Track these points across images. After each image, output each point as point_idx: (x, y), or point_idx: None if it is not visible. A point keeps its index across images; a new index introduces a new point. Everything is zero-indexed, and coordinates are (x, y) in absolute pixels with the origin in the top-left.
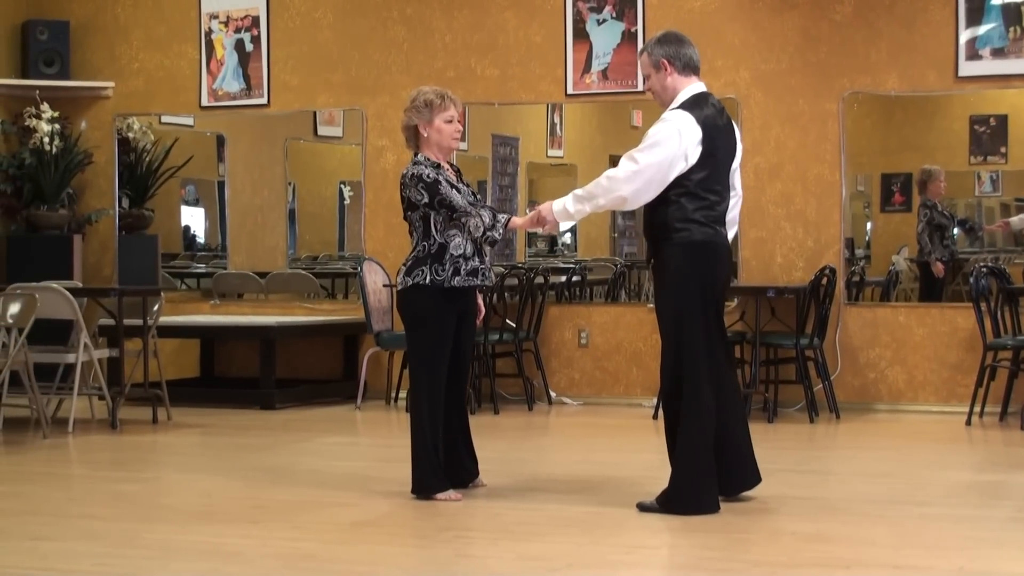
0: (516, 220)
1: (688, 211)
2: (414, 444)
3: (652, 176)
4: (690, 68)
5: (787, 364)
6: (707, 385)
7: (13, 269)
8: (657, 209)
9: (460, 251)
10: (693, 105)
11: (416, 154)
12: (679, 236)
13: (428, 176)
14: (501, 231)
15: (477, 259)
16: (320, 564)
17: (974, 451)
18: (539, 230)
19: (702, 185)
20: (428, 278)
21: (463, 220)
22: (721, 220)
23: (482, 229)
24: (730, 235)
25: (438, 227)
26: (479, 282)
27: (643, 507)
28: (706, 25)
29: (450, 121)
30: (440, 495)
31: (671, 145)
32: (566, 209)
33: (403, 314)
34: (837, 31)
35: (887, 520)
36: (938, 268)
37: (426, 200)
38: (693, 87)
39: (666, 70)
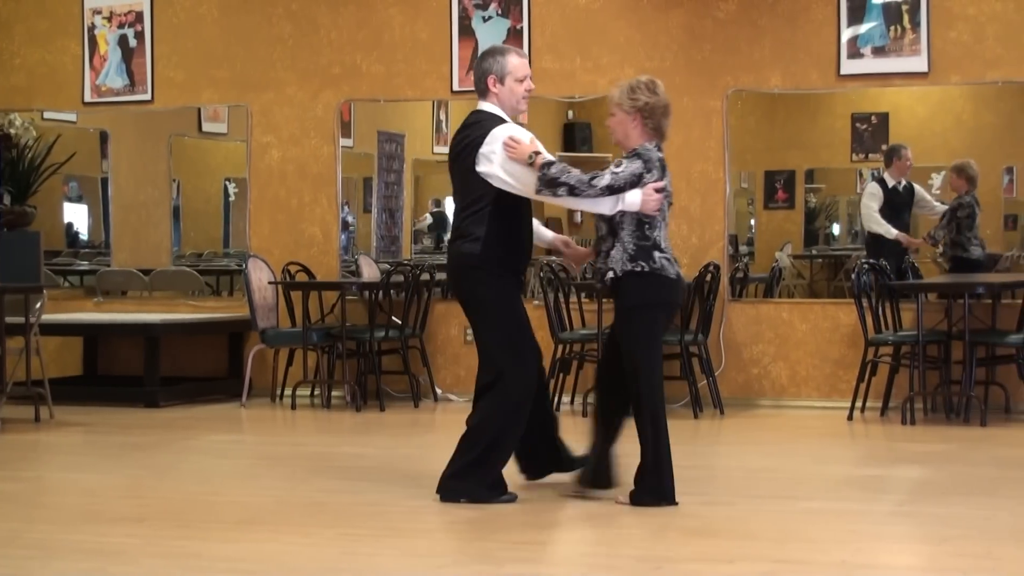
0: None
1: None
2: (657, 447)
3: None
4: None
5: (671, 360)
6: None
7: None
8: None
9: None
10: None
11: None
12: None
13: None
14: None
15: None
16: (206, 562)
17: (856, 446)
18: None
19: None
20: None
21: None
22: None
23: None
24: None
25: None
26: None
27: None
28: (591, 23)
29: None
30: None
31: None
32: None
33: (633, 297)
34: (721, 29)
35: (770, 514)
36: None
37: None
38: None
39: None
